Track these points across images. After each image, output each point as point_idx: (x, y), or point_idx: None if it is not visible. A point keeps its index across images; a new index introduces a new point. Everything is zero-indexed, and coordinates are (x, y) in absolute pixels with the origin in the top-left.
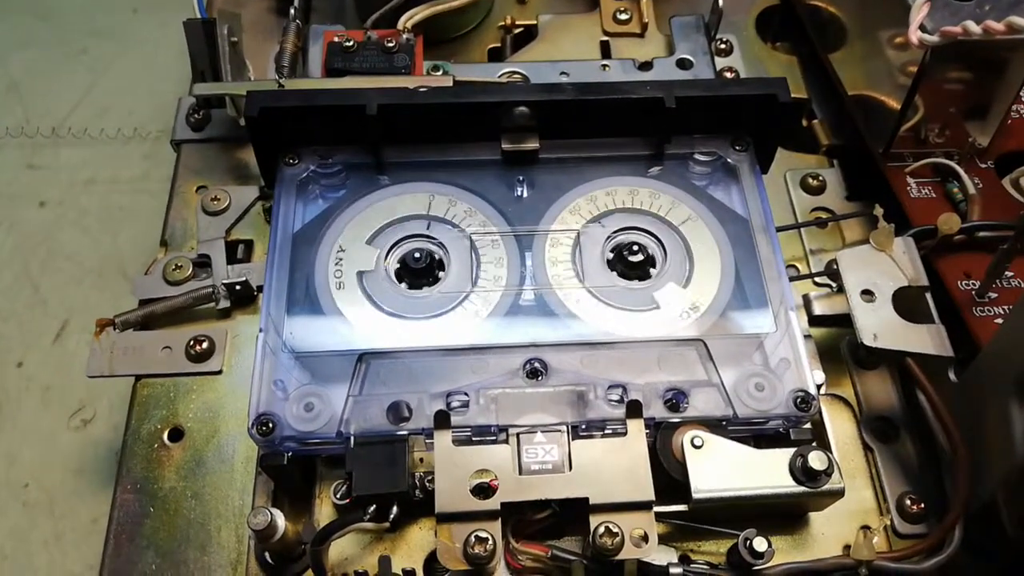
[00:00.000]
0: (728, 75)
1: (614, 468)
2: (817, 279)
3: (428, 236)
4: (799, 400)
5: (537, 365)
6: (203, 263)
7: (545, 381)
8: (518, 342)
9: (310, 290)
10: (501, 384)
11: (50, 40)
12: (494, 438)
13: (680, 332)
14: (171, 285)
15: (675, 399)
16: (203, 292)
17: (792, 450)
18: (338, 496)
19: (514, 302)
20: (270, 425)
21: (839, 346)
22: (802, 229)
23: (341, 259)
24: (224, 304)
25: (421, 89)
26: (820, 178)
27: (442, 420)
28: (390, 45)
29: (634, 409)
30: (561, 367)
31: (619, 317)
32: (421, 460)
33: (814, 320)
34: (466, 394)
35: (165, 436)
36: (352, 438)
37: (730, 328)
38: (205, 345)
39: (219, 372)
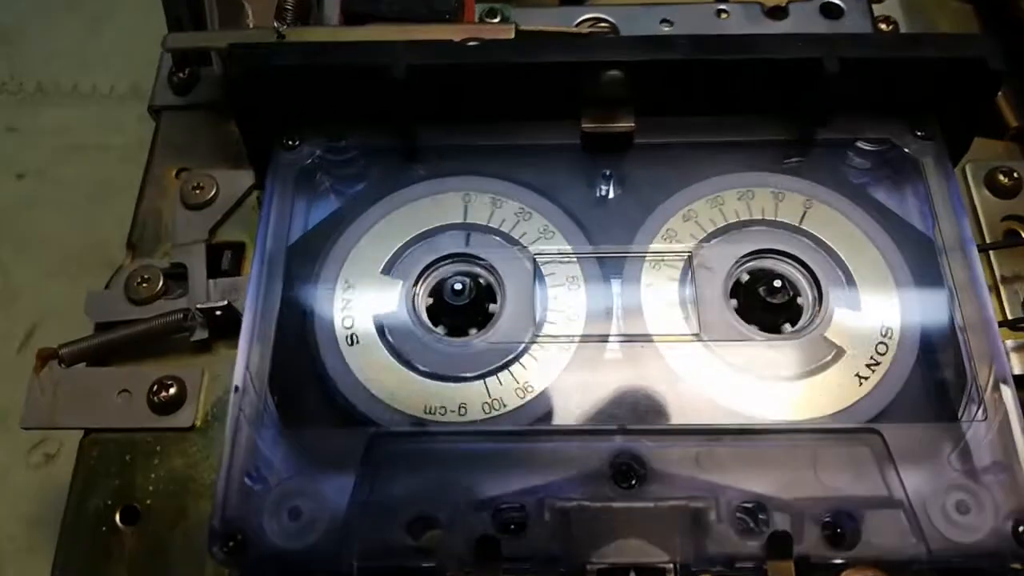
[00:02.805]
0: (883, 27)
1: None
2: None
3: (472, 257)
4: (1022, 527)
5: (630, 463)
6: (177, 275)
7: (642, 490)
8: (601, 425)
9: (307, 331)
10: (576, 492)
11: None
12: None
13: (843, 415)
14: (135, 305)
15: (840, 526)
16: (173, 318)
17: None
18: None
19: (595, 360)
20: (239, 539)
21: None
22: (991, 251)
23: (351, 287)
24: (200, 335)
25: (470, 43)
26: (1015, 175)
27: (487, 549)
28: None
29: (779, 544)
30: (666, 467)
31: (754, 389)
32: None
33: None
34: (522, 506)
35: (116, 516)
36: (355, 566)
37: (915, 412)
38: (173, 390)
39: (190, 428)
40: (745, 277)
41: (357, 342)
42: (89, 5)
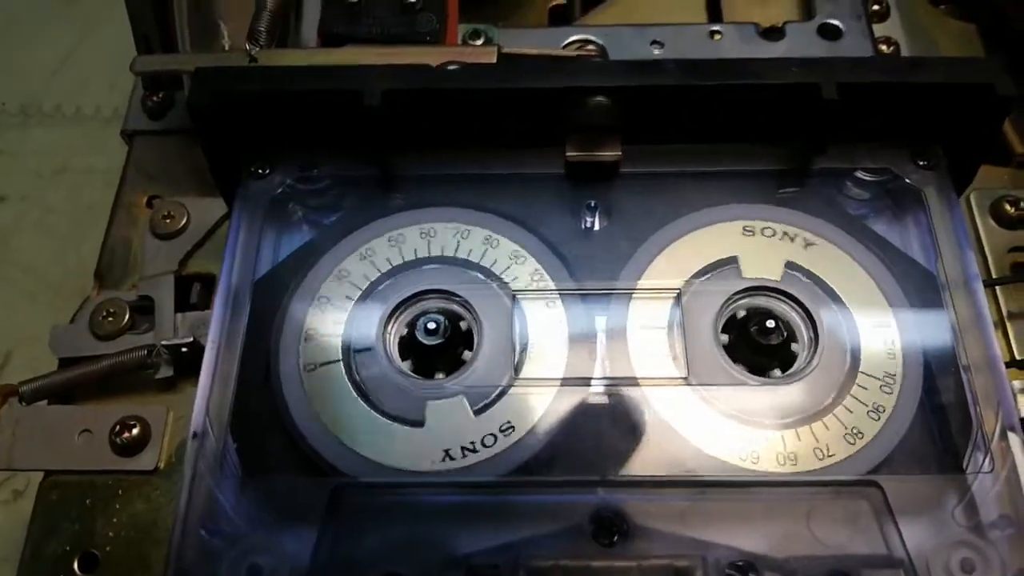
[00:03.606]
0: (884, 48)
1: None
2: None
3: (448, 293)
4: None
5: (611, 517)
6: (145, 308)
7: (624, 547)
8: (581, 476)
9: (271, 371)
10: (553, 549)
11: None
12: None
13: (840, 467)
14: (100, 340)
15: None
16: (137, 355)
17: None
18: None
19: (577, 406)
20: None
21: None
22: (997, 287)
23: (319, 324)
24: (165, 372)
25: (449, 68)
26: (1022, 204)
27: None
28: (412, 1)
29: None
30: (650, 523)
31: (745, 437)
32: None
33: None
34: (497, 565)
35: (75, 564)
36: None
37: (917, 462)
38: (136, 431)
39: (153, 471)
40: (736, 314)
41: (324, 384)
42: (73, 25)
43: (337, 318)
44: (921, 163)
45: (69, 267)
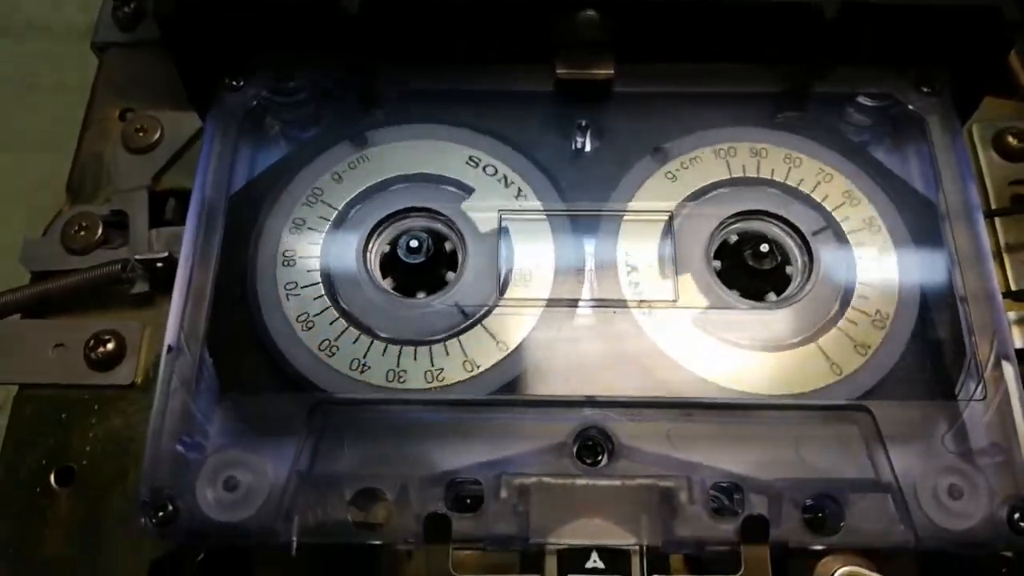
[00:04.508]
0: None
1: None
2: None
3: (433, 212)
4: (1018, 514)
5: (596, 437)
6: (118, 223)
7: (608, 467)
8: (567, 395)
9: (247, 287)
10: (536, 467)
11: None
12: (521, 558)
13: (830, 391)
14: (72, 254)
15: (822, 510)
16: (111, 269)
17: None
18: None
19: (563, 326)
20: (169, 508)
21: None
22: (996, 218)
23: (297, 241)
24: (141, 287)
25: None
26: None
27: (438, 527)
28: None
29: (755, 528)
30: (635, 443)
31: (735, 360)
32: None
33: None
34: (478, 481)
35: (52, 478)
36: (294, 542)
37: (909, 388)
38: (111, 346)
39: (130, 386)
40: (731, 240)
41: (302, 301)
42: None
43: (315, 236)
44: (925, 89)
45: (39, 181)
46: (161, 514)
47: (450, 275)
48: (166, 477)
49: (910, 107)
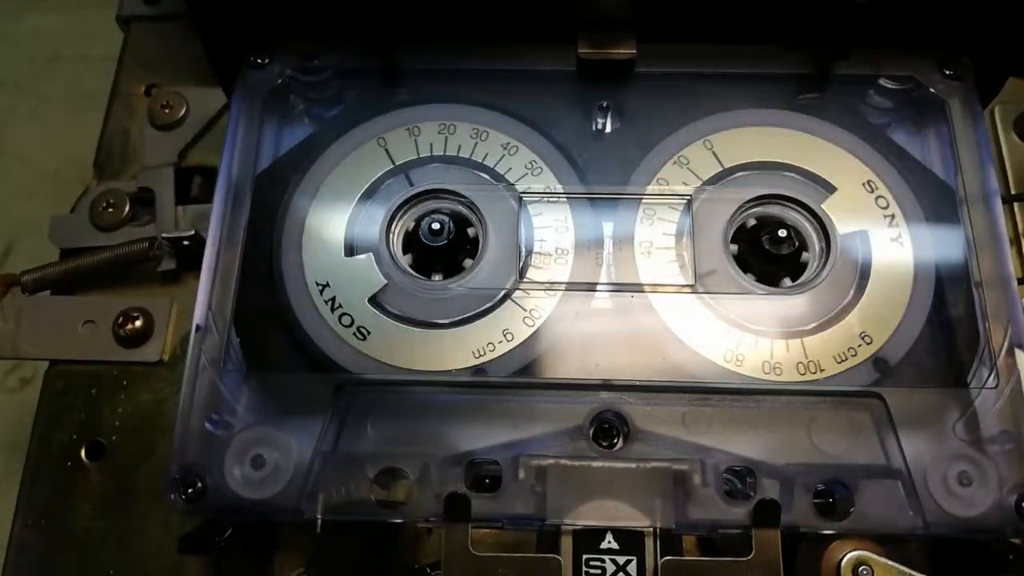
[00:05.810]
0: None
1: None
2: None
3: (454, 194)
4: None
5: (612, 420)
6: (145, 199)
7: (624, 449)
8: (584, 378)
9: (274, 267)
10: (554, 449)
11: None
12: (537, 538)
13: (843, 377)
14: (101, 231)
15: (833, 495)
16: (138, 247)
17: None
18: None
19: (581, 309)
20: (198, 485)
21: None
22: (1015, 203)
23: (322, 221)
24: (168, 265)
25: None
26: None
27: (457, 506)
28: None
29: (767, 512)
30: (650, 427)
31: (750, 346)
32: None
33: None
34: (497, 462)
35: (82, 452)
36: (319, 520)
37: (921, 375)
38: (139, 323)
39: (158, 362)
40: (747, 222)
41: (328, 283)
42: None
43: (340, 217)
44: (948, 72)
45: (66, 157)
46: (190, 491)
47: (467, 260)
48: (195, 455)
49: (932, 89)
